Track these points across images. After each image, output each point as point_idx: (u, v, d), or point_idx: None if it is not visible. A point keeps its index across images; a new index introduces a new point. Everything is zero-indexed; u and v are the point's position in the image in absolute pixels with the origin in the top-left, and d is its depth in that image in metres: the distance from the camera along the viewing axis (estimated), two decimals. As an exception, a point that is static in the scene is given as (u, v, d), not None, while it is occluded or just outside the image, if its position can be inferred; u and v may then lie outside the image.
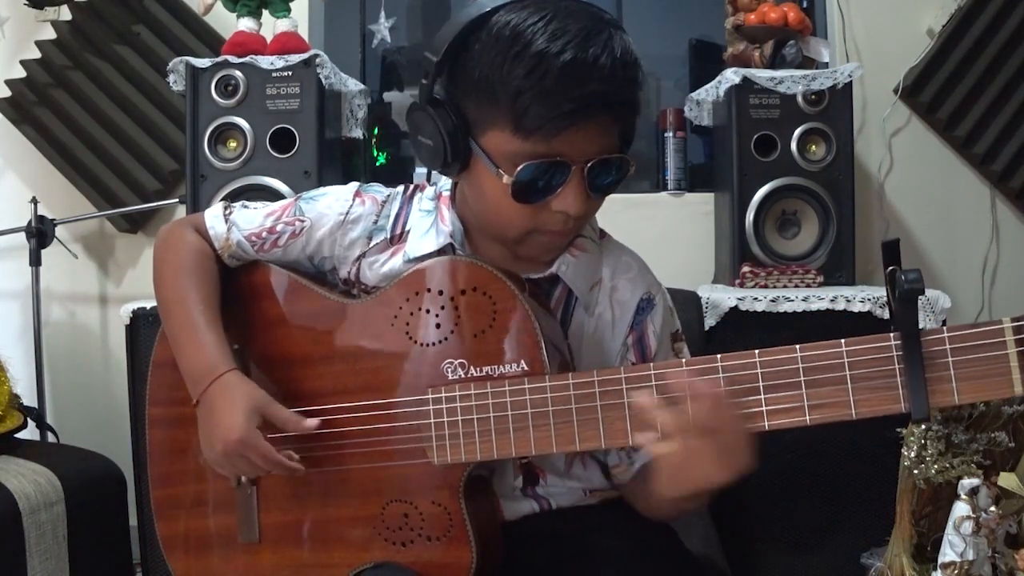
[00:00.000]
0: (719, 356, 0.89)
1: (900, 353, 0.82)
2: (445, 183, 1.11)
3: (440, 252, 1.06)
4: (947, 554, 0.97)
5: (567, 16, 0.92)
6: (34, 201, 2.23)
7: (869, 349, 0.84)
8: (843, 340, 0.85)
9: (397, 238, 1.10)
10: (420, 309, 1.00)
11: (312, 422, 1.01)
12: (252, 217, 1.14)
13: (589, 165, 0.95)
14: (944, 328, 0.82)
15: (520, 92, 0.91)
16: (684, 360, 0.91)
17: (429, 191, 1.13)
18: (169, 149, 2.36)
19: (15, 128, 2.40)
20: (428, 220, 1.09)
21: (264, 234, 1.12)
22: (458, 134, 0.97)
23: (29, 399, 2.01)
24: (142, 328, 1.84)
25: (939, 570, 0.98)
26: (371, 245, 1.10)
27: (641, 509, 1.09)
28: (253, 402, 1.00)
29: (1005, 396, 0.81)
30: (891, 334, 0.84)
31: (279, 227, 1.12)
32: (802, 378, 0.86)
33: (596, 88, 0.91)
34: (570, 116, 0.91)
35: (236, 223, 1.13)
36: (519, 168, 0.94)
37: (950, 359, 0.81)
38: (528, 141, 0.93)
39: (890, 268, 0.85)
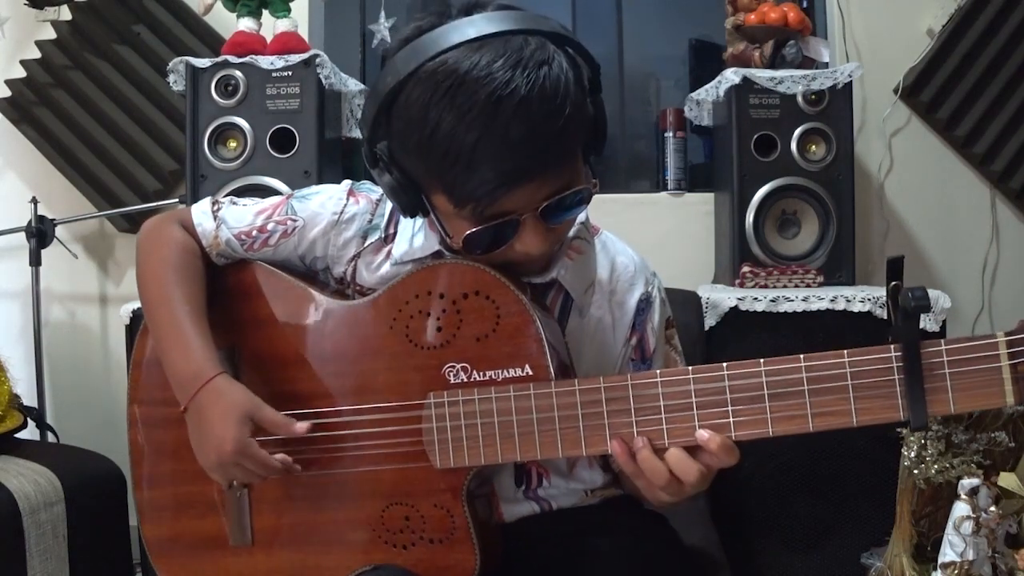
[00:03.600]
0: (724, 365, 0.90)
1: (900, 364, 0.85)
2: None
3: (434, 257, 1.05)
4: (947, 554, 0.97)
5: (473, 80, 0.86)
6: (34, 201, 2.23)
7: (871, 360, 0.86)
8: (845, 351, 0.87)
9: (391, 237, 1.08)
10: (421, 312, 0.99)
11: (303, 425, 0.99)
12: (242, 215, 1.11)
13: (540, 210, 0.92)
14: (942, 341, 0.85)
15: (442, 173, 0.89)
16: (691, 368, 0.91)
17: None
18: (169, 149, 2.36)
19: (15, 128, 2.40)
20: (417, 221, 1.06)
21: (255, 232, 1.10)
22: (409, 191, 0.95)
23: (29, 399, 2.01)
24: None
25: (939, 570, 0.98)
26: (366, 245, 1.09)
27: (638, 496, 1.09)
28: (244, 409, 0.97)
29: (996, 406, 0.84)
30: (891, 346, 0.86)
31: (270, 226, 1.10)
32: (806, 387, 0.87)
33: (513, 164, 0.87)
34: (496, 191, 0.88)
35: (225, 220, 1.11)
36: (464, 235, 0.93)
37: (947, 371, 0.84)
38: (466, 209, 0.91)
39: (893, 284, 0.87)
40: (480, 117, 0.85)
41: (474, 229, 0.93)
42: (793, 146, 2.00)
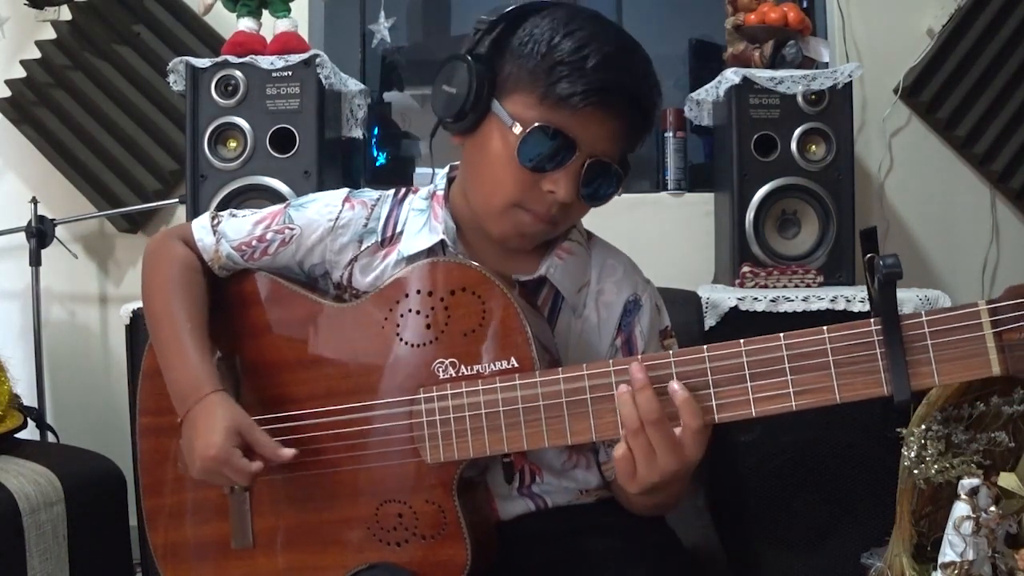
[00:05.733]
0: (705, 347, 0.90)
1: (881, 338, 0.85)
2: (439, 183, 1.12)
3: (432, 251, 1.07)
4: (947, 554, 0.97)
5: (604, 25, 1.01)
6: (34, 201, 2.24)
7: (851, 335, 0.86)
8: (825, 327, 0.87)
9: (388, 240, 1.11)
10: (410, 311, 1.01)
11: (288, 452, 1.00)
12: (240, 226, 1.14)
13: (590, 161, 0.99)
14: (922, 312, 0.84)
15: (561, 63, 0.97)
16: (671, 352, 0.92)
17: (423, 191, 1.14)
18: (169, 149, 2.36)
19: (15, 128, 2.40)
20: (422, 219, 1.09)
21: (254, 243, 1.12)
22: (484, 89, 1.00)
23: (29, 399, 2.01)
24: (142, 328, 1.82)
25: (939, 570, 0.97)
26: (362, 249, 1.11)
27: (624, 505, 1.09)
28: (233, 422, 1.00)
29: (984, 376, 0.83)
30: (871, 320, 0.85)
31: (268, 235, 1.12)
32: (787, 365, 0.88)
33: (627, 80, 0.99)
34: (597, 94, 0.96)
35: (225, 234, 1.13)
36: (536, 123, 0.98)
37: (929, 342, 0.84)
38: (551, 110, 0.97)
39: (868, 255, 0.87)
40: (618, 44, 1.00)
41: (548, 123, 0.97)
42: (793, 146, 2.00)
